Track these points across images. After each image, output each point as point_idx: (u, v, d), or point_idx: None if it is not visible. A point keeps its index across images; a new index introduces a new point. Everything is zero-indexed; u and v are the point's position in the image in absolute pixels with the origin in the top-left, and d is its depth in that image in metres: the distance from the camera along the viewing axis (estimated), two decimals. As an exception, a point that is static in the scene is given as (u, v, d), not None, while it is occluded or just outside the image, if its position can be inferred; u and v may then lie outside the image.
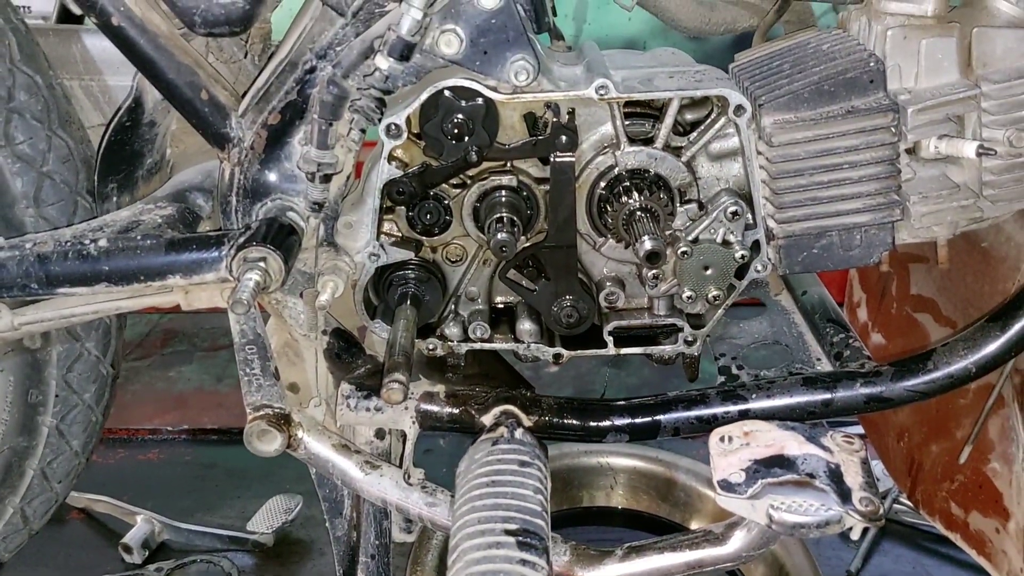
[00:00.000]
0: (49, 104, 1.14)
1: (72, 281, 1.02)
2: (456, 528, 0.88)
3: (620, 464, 1.67)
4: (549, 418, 1.08)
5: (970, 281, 1.29)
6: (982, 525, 1.33)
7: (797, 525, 0.91)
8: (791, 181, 1.04)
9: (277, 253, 0.97)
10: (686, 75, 1.06)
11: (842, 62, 1.03)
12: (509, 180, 1.07)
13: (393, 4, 0.99)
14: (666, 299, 1.12)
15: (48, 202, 1.14)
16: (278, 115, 1.03)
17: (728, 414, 1.07)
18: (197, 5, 0.99)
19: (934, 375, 1.06)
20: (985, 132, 1.02)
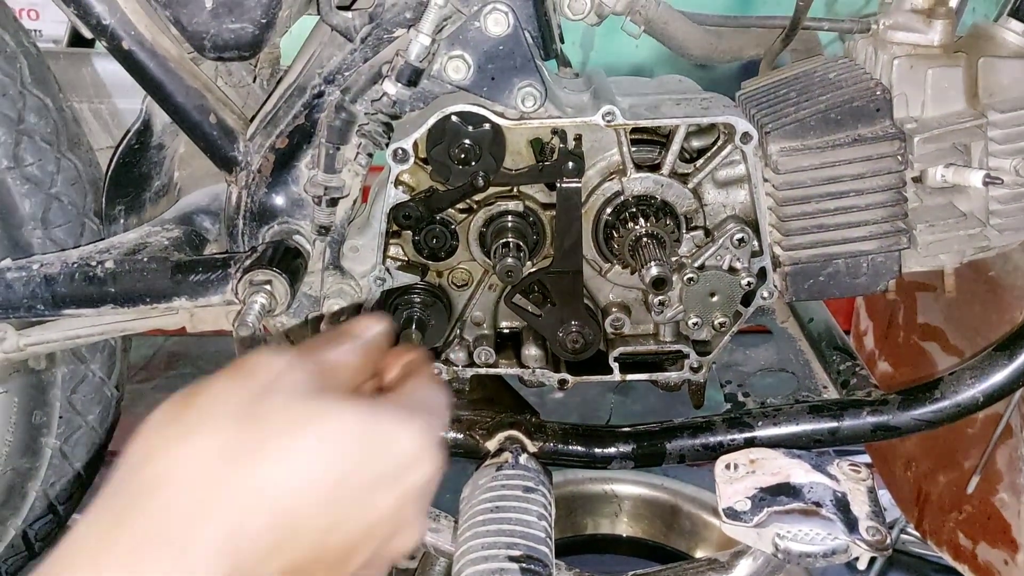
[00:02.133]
0: (58, 126, 1.15)
1: (78, 302, 1.02)
2: (459, 554, 0.88)
3: (625, 491, 1.66)
4: (554, 444, 1.07)
5: (977, 310, 1.28)
6: (990, 556, 1.31)
7: (803, 554, 0.90)
8: (797, 208, 1.04)
9: (283, 276, 0.97)
10: (693, 102, 1.06)
11: (849, 91, 1.04)
12: (515, 205, 1.07)
13: (401, 30, 0.99)
14: (672, 325, 1.12)
15: (56, 224, 1.15)
16: (286, 139, 1.03)
17: (734, 441, 1.06)
18: (207, 30, 1.00)
19: (941, 404, 1.05)
20: (992, 161, 1.02)
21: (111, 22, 0.97)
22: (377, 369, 0.66)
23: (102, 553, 0.48)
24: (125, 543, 0.48)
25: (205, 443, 0.52)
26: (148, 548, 0.48)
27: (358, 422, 0.56)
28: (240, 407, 0.54)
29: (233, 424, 0.53)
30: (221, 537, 0.50)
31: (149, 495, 0.50)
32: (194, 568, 0.48)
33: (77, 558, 0.48)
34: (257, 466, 0.52)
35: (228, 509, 0.50)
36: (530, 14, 1.00)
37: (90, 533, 0.50)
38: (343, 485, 0.54)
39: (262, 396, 0.55)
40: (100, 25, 0.98)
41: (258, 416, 0.54)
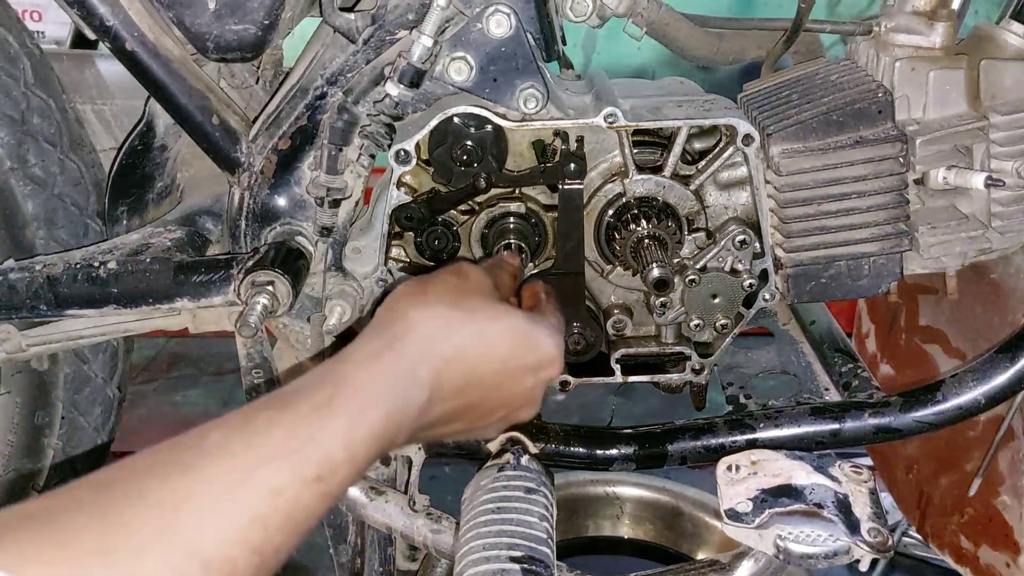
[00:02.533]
0: (61, 127, 1.15)
1: (81, 303, 1.03)
2: (461, 554, 0.88)
3: (626, 494, 1.66)
4: (556, 445, 1.07)
5: (979, 312, 1.28)
6: (992, 559, 1.31)
7: (805, 555, 0.90)
8: (799, 210, 1.04)
9: (285, 277, 0.97)
10: (695, 104, 1.06)
11: (850, 92, 1.04)
12: (517, 207, 1.07)
13: (404, 32, 0.99)
14: (674, 327, 1.12)
15: (59, 224, 1.15)
16: (288, 140, 1.03)
17: (736, 443, 1.06)
18: (210, 31, 1.00)
19: (943, 406, 1.05)
20: (993, 163, 1.02)
21: (114, 23, 0.98)
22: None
23: (374, 370, 0.74)
24: (381, 364, 0.74)
25: (432, 313, 0.80)
26: (395, 371, 0.75)
27: (525, 325, 0.84)
28: (456, 295, 0.83)
29: (450, 306, 0.81)
30: (435, 372, 0.77)
31: (400, 338, 0.77)
32: (419, 383, 0.76)
33: (358, 369, 0.73)
34: (463, 337, 0.80)
35: (441, 355, 0.78)
36: (532, 16, 1.00)
37: (362, 355, 0.75)
38: (507, 363, 0.83)
39: (469, 292, 0.85)
40: (103, 26, 0.98)
41: (465, 305, 0.82)
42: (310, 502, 0.63)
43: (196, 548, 0.56)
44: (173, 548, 0.55)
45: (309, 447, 0.64)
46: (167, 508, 0.57)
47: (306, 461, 0.63)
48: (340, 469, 0.66)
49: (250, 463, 0.61)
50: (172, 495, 0.58)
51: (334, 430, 0.67)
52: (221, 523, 0.58)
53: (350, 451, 0.67)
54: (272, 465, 0.62)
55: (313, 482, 0.63)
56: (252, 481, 0.60)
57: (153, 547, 0.55)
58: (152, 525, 0.56)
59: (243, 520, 0.59)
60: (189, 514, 0.57)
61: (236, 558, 0.58)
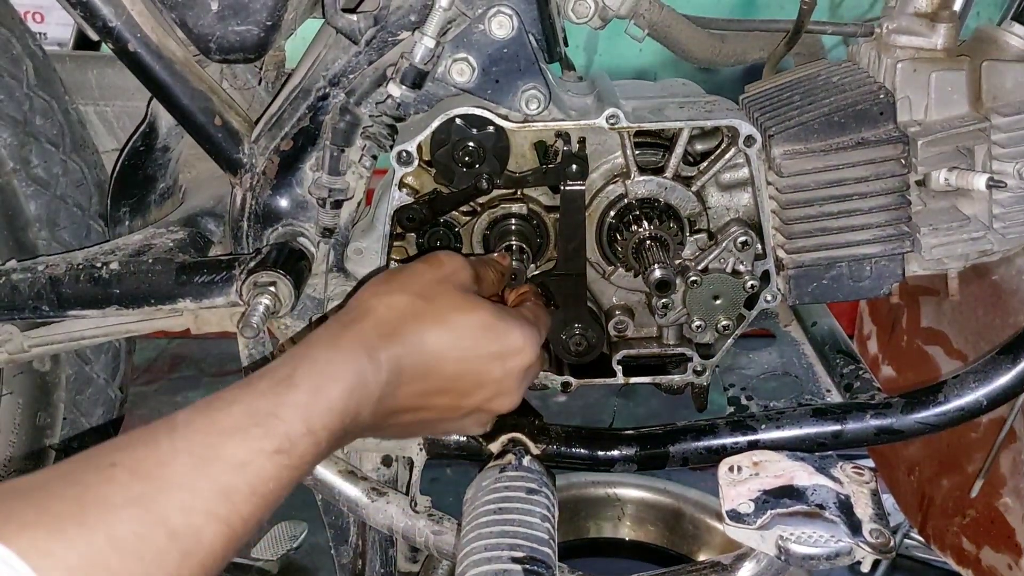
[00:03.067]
0: (64, 129, 1.16)
1: (83, 303, 1.03)
2: (463, 555, 0.88)
3: (628, 495, 1.66)
4: (557, 446, 1.07)
5: (981, 314, 1.28)
6: (994, 561, 1.31)
7: (807, 556, 0.90)
8: (801, 211, 1.04)
9: (287, 278, 0.97)
10: (696, 105, 1.06)
11: (852, 94, 1.04)
12: (519, 208, 1.07)
13: (406, 33, 1.00)
14: (675, 328, 1.12)
15: (61, 225, 1.15)
16: (290, 141, 1.04)
17: (737, 444, 1.06)
18: (213, 32, 1.00)
19: (945, 407, 1.05)
20: (995, 165, 1.02)
21: (117, 24, 0.98)
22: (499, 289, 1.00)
23: (332, 349, 0.77)
24: (340, 343, 0.77)
25: (397, 301, 0.83)
26: (352, 349, 0.77)
27: (491, 316, 0.86)
28: (424, 285, 0.86)
29: (414, 294, 0.84)
30: (393, 355, 0.79)
31: (359, 321, 0.81)
32: (377, 363, 0.78)
33: (316, 350, 0.76)
34: (423, 324, 0.82)
35: (399, 339, 0.80)
36: (534, 17, 1.00)
37: (322, 337, 0.79)
38: (469, 350, 0.84)
39: (440, 282, 0.87)
40: (106, 27, 0.98)
41: (432, 296, 0.85)
42: (273, 474, 0.66)
43: (163, 517, 0.59)
44: (141, 516, 0.59)
45: (269, 421, 0.68)
46: (137, 479, 0.60)
47: (267, 434, 0.67)
48: (300, 442, 0.69)
49: (215, 437, 0.65)
50: (141, 467, 0.61)
51: (293, 405, 0.70)
52: (186, 494, 0.61)
53: (309, 424, 0.70)
54: (235, 438, 0.65)
55: (274, 454, 0.67)
56: (216, 454, 0.64)
57: (123, 515, 0.58)
58: (122, 494, 0.59)
59: (208, 491, 0.62)
60: (156, 484, 0.61)
61: (201, 527, 0.61)
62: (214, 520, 0.62)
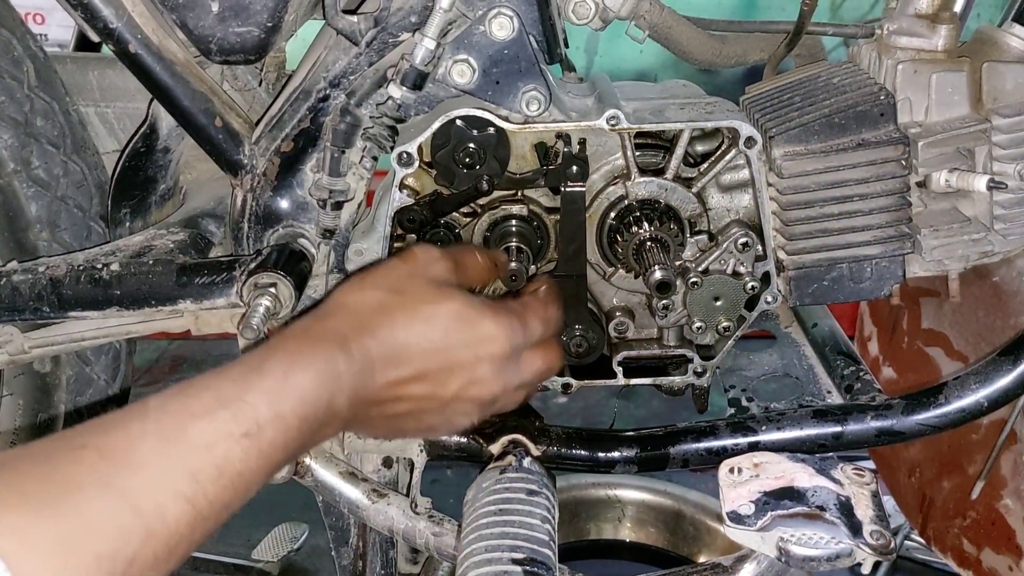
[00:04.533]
0: (65, 130, 1.16)
1: (84, 304, 1.03)
2: (463, 556, 0.88)
3: (628, 497, 1.66)
4: (557, 448, 1.07)
5: (981, 316, 1.28)
6: (995, 562, 1.31)
7: (807, 558, 0.90)
8: (801, 212, 1.04)
9: (288, 279, 0.97)
10: (697, 107, 1.06)
11: (853, 95, 1.04)
12: (520, 209, 1.07)
13: (407, 34, 1.00)
14: (676, 330, 1.12)
15: (62, 226, 1.15)
16: (291, 143, 1.04)
17: (738, 446, 1.06)
18: (213, 33, 1.01)
19: (945, 409, 1.05)
20: (996, 166, 1.02)
21: (118, 26, 0.98)
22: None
23: (303, 340, 0.78)
24: (310, 334, 0.80)
25: (369, 296, 0.85)
26: (323, 339, 0.79)
27: (461, 306, 0.86)
28: (396, 280, 0.87)
29: (385, 289, 0.86)
30: (364, 345, 0.80)
31: (331, 315, 0.84)
32: (348, 353, 0.79)
33: (287, 341, 0.78)
34: (393, 316, 0.84)
35: (369, 329, 0.82)
36: (535, 18, 1.00)
37: (294, 329, 0.81)
38: (441, 340, 0.85)
39: (412, 276, 0.88)
40: (107, 29, 0.98)
41: (403, 289, 0.86)
42: (241, 457, 0.68)
43: (129, 495, 0.61)
44: (108, 493, 0.61)
45: (236, 404, 0.69)
46: (104, 458, 0.62)
47: (234, 418, 0.68)
48: (268, 427, 0.70)
49: (183, 420, 0.67)
50: (109, 447, 0.63)
51: (261, 390, 0.71)
52: (153, 473, 0.63)
53: (277, 410, 0.71)
54: (203, 421, 0.67)
55: (242, 438, 0.68)
56: (184, 436, 0.66)
57: (90, 491, 0.60)
58: (90, 472, 0.61)
59: (174, 471, 0.64)
60: (124, 464, 0.62)
61: (167, 506, 0.62)
62: (180, 499, 0.63)
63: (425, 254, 0.92)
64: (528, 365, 0.92)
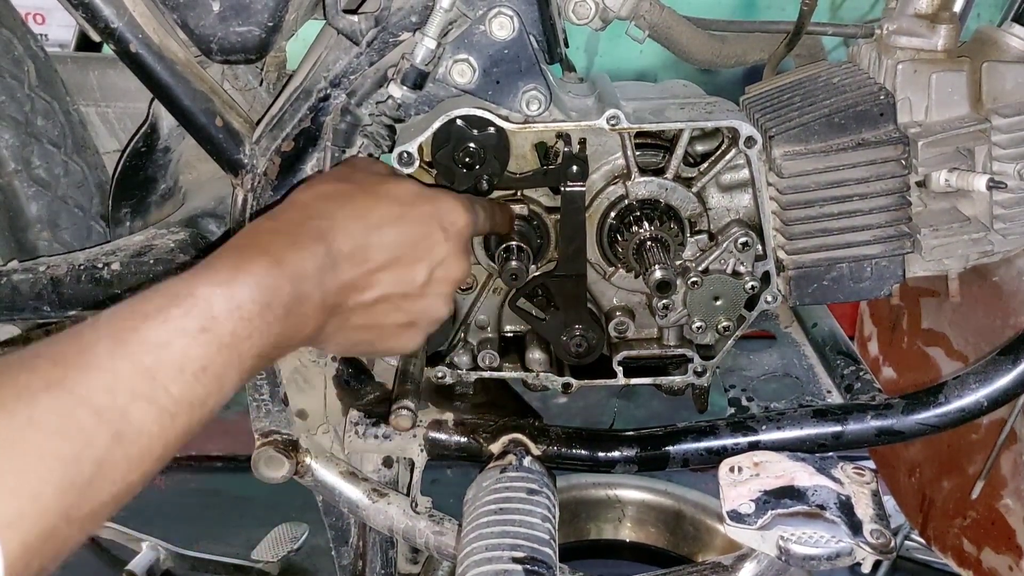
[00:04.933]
0: (65, 130, 1.16)
1: (84, 304, 1.03)
2: (463, 555, 0.88)
3: (628, 497, 1.66)
4: (558, 447, 1.07)
5: (981, 315, 1.28)
6: (995, 562, 1.31)
7: (807, 557, 0.90)
8: (801, 212, 1.04)
9: (288, 278, 0.97)
10: (697, 107, 1.06)
11: (852, 95, 1.04)
12: (520, 209, 1.07)
13: (407, 34, 1.00)
14: (676, 329, 1.12)
15: (62, 226, 1.15)
16: (291, 142, 1.04)
17: (738, 445, 1.06)
18: (214, 33, 1.01)
19: (945, 408, 1.05)
20: (995, 166, 1.02)
21: (119, 25, 0.98)
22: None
23: (255, 234, 0.78)
24: (261, 227, 0.79)
25: (323, 188, 0.85)
26: (277, 230, 0.78)
27: (416, 186, 0.88)
28: (347, 171, 0.91)
29: (342, 179, 0.88)
30: (324, 227, 0.80)
31: (283, 211, 0.82)
32: (304, 237, 0.78)
33: (237, 238, 0.77)
34: (353, 199, 0.84)
35: (326, 215, 0.81)
36: (535, 18, 1.00)
37: (246, 229, 0.80)
38: (407, 214, 0.84)
39: (357, 170, 0.91)
40: (108, 28, 0.98)
41: (356, 178, 0.88)
42: (202, 354, 0.67)
43: (86, 397, 0.61)
44: (61, 397, 0.60)
45: (188, 301, 0.68)
46: (57, 366, 0.62)
47: (187, 314, 0.67)
48: (225, 319, 0.69)
49: (135, 321, 0.66)
50: (62, 355, 0.63)
51: (212, 282, 0.70)
52: (107, 375, 0.62)
53: (234, 301, 0.70)
54: (155, 320, 0.66)
55: (199, 333, 0.67)
56: (136, 337, 0.65)
57: (42, 397, 0.59)
58: (42, 379, 0.60)
59: (129, 371, 0.63)
60: (77, 368, 0.62)
61: (127, 407, 0.62)
62: (140, 399, 0.63)
63: (363, 158, 0.96)
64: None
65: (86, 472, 0.59)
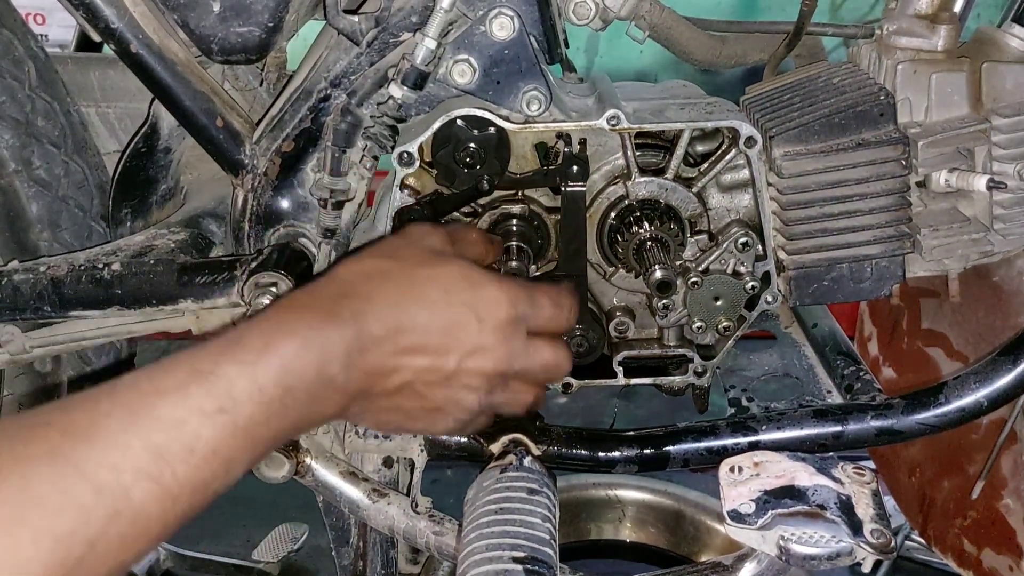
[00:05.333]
0: (66, 130, 1.16)
1: (85, 304, 1.03)
2: (464, 555, 0.88)
3: (628, 497, 1.66)
4: (558, 447, 1.07)
5: (981, 315, 1.28)
6: (995, 563, 1.31)
7: (808, 557, 0.90)
8: (801, 212, 1.04)
9: (289, 279, 0.97)
10: (697, 107, 1.07)
11: (852, 95, 1.04)
12: (520, 209, 1.08)
13: (407, 34, 1.00)
14: (676, 330, 1.12)
15: (63, 226, 1.15)
16: (292, 142, 1.04)
17: (738, 445, 1.06)
18: (215, 33, 1.01)
19: (945, 408, 1.05)
20: (995, 166, 1.02)
21: (119, 26, 0.98)
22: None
23: (287, 310, 0.74)
24: (295, 304, 0.76)
25: (363, 264, 0.82)
26: (310, 307, 0.75)
27: (462, 268, 0.83)
28: (392, 248, 0.85)
29: (380, 257, 0.83)
30: (357, 310, 0.76)
31: (320, 286, 0.79)
32: (338, 318, 0.75)
33: (270, 311, 0.74)
34: (389, 280, 0.80)
35: (362, 295, 0.78)
36: (535, 19, 1.00)
37: (280, 302, 0.77)
38: (441, 302, 0.80)
39: (408, 245, 0.86)
40: (108, 29, 0.98)
41: (400, 256, 0.83)
42: (215, 435, 0.64)
43: (87, 472, 0.58)
44: (62, 470, 0.58)
45: (210, 380, 0.65)
46: (66, 436, 0.59)
47: (207, 393, 0.64)
48: (245, 401, 0.66)
49: (152, 396, 0.63)
50: (73, 425, 0.60)
51: (237, 361, 0.67)
52: (114, 452, 0.60)
53: (256, 383, 0.67)
54: (173, 397, 0.63)
55: (216, 414, 0.64)
56: (151, 412, 0.62)
57: (41, 469, 0.57)
58: (45, 450, 0.58)
59: (138, 449, 0.60)
60: (84, 441, 0.59)
61: (130, 485, 0.59)
62: (144, 478, 0.60)
63: (420, 227, 0.89)
64: (535, 350, 0.86)
65: (77, 552, 0.57)
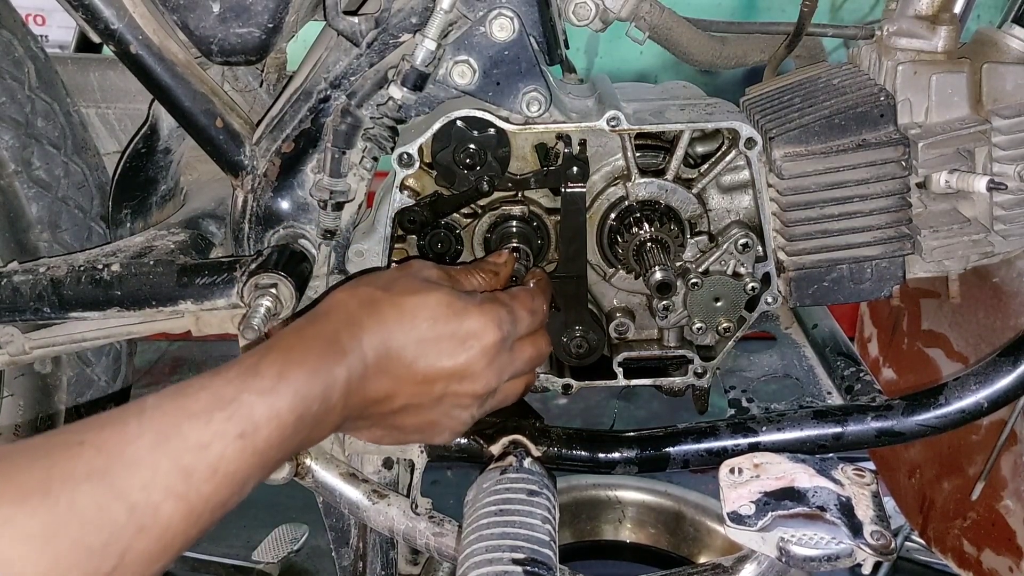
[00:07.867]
0: (66, 131, 1.16)
1: (85, 305, 1.03)
2: (463, 556, 0.88)
3: (628, 498, 1.66)
4: (558, 448, 1.07)
5: (982, 316, 1.28)
6: (995, 563, 1.31)
7: (808, 558, 0.90)
8: (801, 213, 1.04)
9: (288, 280, 0.97)
10: (697, 108, 1.07)
11: (853, 96, 1.04)
12: (520, 210, 1.08)
13: (407, 35, 1.00)
14: (676, 331, 1.12)
15: (62, 227, 1.15)
16: (292, 143, 1.04)
17: (738, 447, 1.06)
18: (214, 34, 1.01)
19: (945, 409, 1.05)
20: (996, 167, 1.02)
21: (119, 27, 0.98)
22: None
23: (296, 338, 0.80)
24: (304, 333, 0.81)
25: (356, 293, 0.86)
26: (316, 336, 0.80)
27: (447, 297, 0.87)
28: (387, 279, 0.90)
29: (376, 287, 0.87)
30: (356, 341, 0.81)
31: (324, 314, 0.84)
32: (340, 348, 0.80)
33: (281, 340, 0.79)
34: (382, 310, 0.85)
35: (361, 325, 0.83)
36: (535, 19, 1.00)
37: (289, 329, 0.82)
38: (427, 333, 0.85)
39: (402, 276, 0.90)
40: (108, 30, 0.98)
41: (392, 286, 0.88)
42: (236, 457, 0.69)
43: (122, 492, 0.63)
44: (102, 490, 0.62)
45: (232, 405, 0.71)
46: (101, 455, 0.64)
47: (230, 419, 0.70)
48: (263, 427, 0.72)
49: (178, 419, 0.68)
50: (106, 444, 0.65)
51: (257, 390, 0.72)
52: (147, 471, 0.65)
53: (274, 410, 0.73)
54: (198, 421, 0.68)
55: (237, 438, 0.70)
56: (179, 435, 0.67)
57: (85, 487, 0.62)
58: (85, 469, 0.63)
59: (168, 469, 0.66)
60: (119, 461, 0.64)
61: (159, 503, 0.64)
62: (172, 497, 0.65)
63: (419, 261, 0.95)
64: (519, 353, 0.93)
65: (109, 563, 0.62)
